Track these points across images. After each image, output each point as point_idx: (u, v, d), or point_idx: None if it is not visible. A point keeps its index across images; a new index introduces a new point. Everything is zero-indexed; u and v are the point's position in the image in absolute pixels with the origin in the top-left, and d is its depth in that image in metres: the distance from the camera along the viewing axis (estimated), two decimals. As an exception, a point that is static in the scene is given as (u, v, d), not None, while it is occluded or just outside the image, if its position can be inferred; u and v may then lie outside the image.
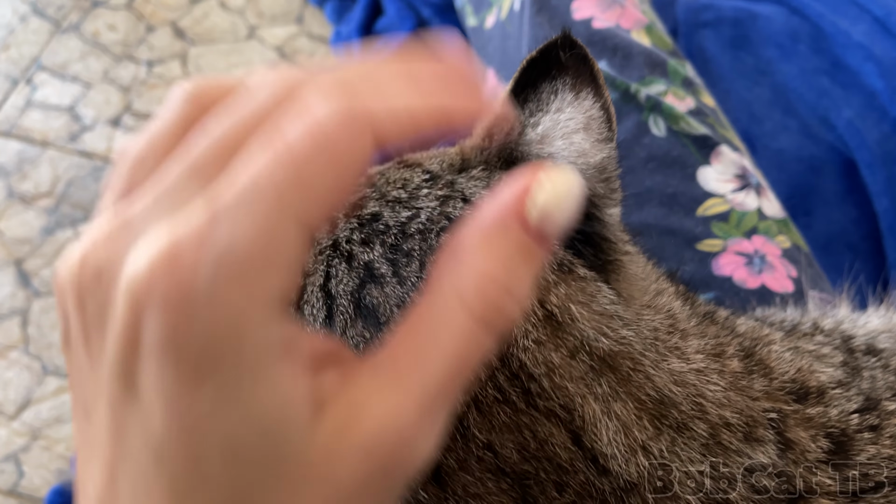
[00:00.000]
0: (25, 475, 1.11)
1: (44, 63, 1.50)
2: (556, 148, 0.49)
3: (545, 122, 0.49)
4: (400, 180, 0.48)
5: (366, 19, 1.45)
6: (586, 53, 0.50)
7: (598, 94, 0.51)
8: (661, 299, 0.48)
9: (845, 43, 1.26)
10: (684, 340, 0.46)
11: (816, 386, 0.48)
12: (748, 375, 0.46)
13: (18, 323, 1.23)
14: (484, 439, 0.42)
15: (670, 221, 0.79)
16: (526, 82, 0.51)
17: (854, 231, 1.15)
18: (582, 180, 0.28)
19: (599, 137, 0.50)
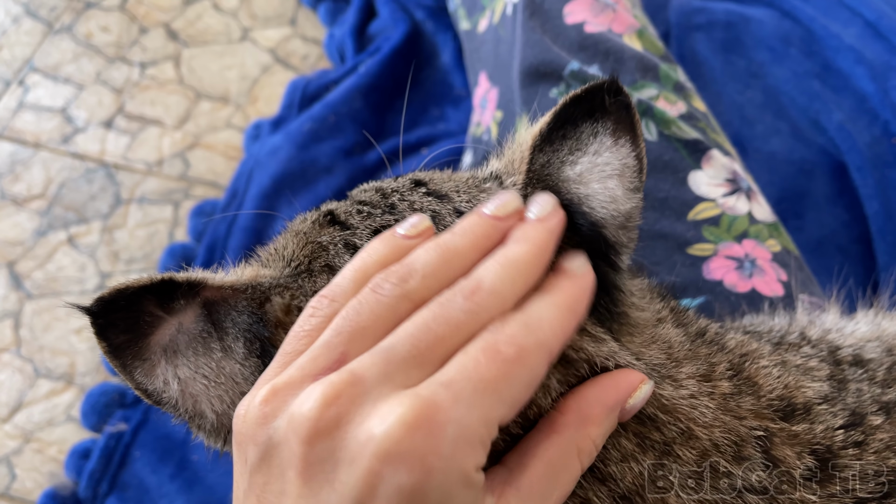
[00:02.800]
0: (17, 478, 1.11)
1: (36, 64, 1.50)
2: (591, 190, 0.50)
3: (583, 162, 0.50)
4: (428, 211, 0.49)
5: (359, 21, 1.45)
6: (630, 102, 0.51)
7: (636, 143, 0.51)
8: (659, 330, 0.49)
9: (837, 46, 1.27)
10: (678, 368, 0.47)
11: (803, 402, 0.48)
12: (737, 396, 0.47)
13: (10, 325, 1.23)
14: None
15: (661, 226, 0.79)
16: (567, 118, 0.51)
17: (844, 234, 1.15)
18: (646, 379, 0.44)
19: (631, 186, 0.51)
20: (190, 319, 0.45)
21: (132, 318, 0.44)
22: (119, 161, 1.38)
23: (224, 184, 1.34)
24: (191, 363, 0.45)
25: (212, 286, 0.46)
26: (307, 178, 1.26)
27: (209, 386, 0.45)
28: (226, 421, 0.46)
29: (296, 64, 1.49)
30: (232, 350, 0.46)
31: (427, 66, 1.39)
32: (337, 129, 1.30)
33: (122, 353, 0.44)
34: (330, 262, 0.47)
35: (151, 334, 0.45)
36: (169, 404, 0.45)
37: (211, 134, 1.41)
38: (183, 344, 0.45)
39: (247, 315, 0.46)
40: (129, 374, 0.45)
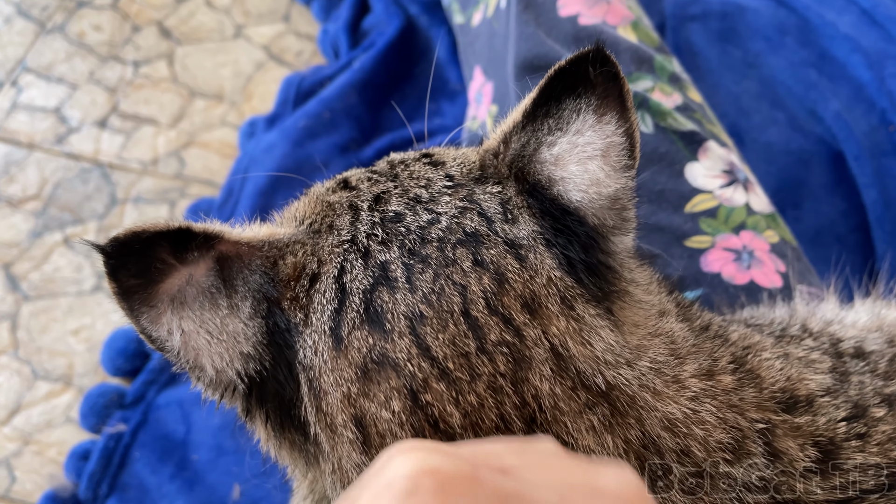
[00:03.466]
0: (17, 480, 1.11)
1: (29, 64, 1.49)
2: (569, 172, 0.48)
3: (562, 143, 0.49)
4: (423, 178, 0.50)
5: (353, 17, 1.44)
6: (618, 72, 0.49)
7: (624, 118, 0.49)
8: (663, 323, 0.48)
9: (832, 34, 1.26)
10: (682, 366, 0.47)
11: (805, 395, 0.48)
12: (739, 389, 0.47)
13: (8, 327, 1.23)
14: None
15: (658, 218, 0.79)
16: (551, 93, 0.49)
17: (842, 223, 1.15)
18: None
19: (617, 166, 0.49)
20: (201, 272, 0.45)
21: (145, 262, 0.44)
22: (114, 161, 1.38)
23: (220, 182, 1.33)
24: (196, 317, 0.45)
25: (228, 240, 0.46)
26: (303, 174, 1.25)
27: (211, 342, 0.45)
28: (224, 378, 0.46)
29: (290, 60, 1.48)
30: (238, 308, 0.46)
31: (422, 61, 1.39)
32: (332, 126, 1.29)
33: (131, 296, 0.44)
34: (333, 220, 0.48)
35: (161, 282, 0.45)
36: (171, 353, 0.46)
37: (206, 132, 1.40)
38: (191, 296, 0.45)
39: (259, 274, 0.46)
40: (135, 318, 0.45)
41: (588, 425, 0.43)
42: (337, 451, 0.45)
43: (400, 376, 0.43)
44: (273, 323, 0.46)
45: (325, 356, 0.45)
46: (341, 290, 0.45)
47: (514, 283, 0.45)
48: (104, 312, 1.23)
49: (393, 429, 0.43)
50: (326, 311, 0.45)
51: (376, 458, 0.34)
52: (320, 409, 0.45)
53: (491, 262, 0.45)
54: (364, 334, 0.44)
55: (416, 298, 0.44)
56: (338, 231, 0.48)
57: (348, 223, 0.48)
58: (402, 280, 0.45)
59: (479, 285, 0.44)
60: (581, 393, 0.44)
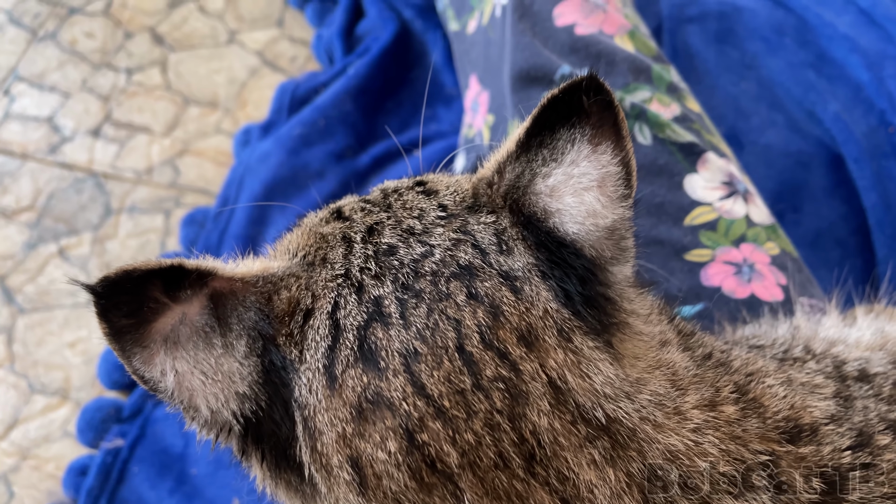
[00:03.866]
0: (16, 496, 1.10)
1: (21, 73, 1.48)
2: (564, 204, 0.47)
3: (557, 174, 0.48)
4: (417, 209, 0.50)
5: (347, 22, 1.43)
6: (612, 100, 0.48)
7: (619, 147, 0.48)
8: (664, 354, 0.48)
9: (831, 35, 1.25)
10: (683, 397, 0.46)
11: (809, 423, 0.48)
12: (743, 420, 0.46)
13: (3, 341, 1.22)
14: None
15: (658, 232, 0.78)
16: (544, 122, 0.48)
17: (843, 226, 1.14)
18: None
19: (614, 196, 0.48)
20: (195, 310, 0.44)
21: (137, 301, 0.43)
22: (108, 170, 1.37)
23: (215, 191, 1.32)
24: (190, 357, 0.44)
25: (222, 276, 0.45)
26: (298, 183, 1.24)
27: (206, 382, 0.44)
28: (219, 418, 0.45)
29: (284, 66, 1.47)
30: (233, 347, 0.45)
31: (417, 66, 1.38)
32: (327, 133, 1.28)
33: (123, 336, 0.43)
34: (326, 253, 0.48)
35: (154, 321, 0.44)
36: (164, 393, 0.45)
37: (200, 140, 1.39)
38: (184, 336, 0.44)
39: (254, 311, 0.45)
40: (127, 358, 0.44)
41: (589, 459, 0.43)
42: (333, 493, 0.44)
43: (395, 416, 0.43)
44: (269, 361, 0.45)
45: (319, 395, 0.44)
46: (335, 326, 0.45)
47: (510, 316, 0.44)
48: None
49: (390, 470, 0.43)
50: (320, 348, 0.44)
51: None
52: (315, 449, 0.44)
53: (485, 295, 0.44)
54: (358, 373, 0.43)
55: (411, 335, 0.44)
56: (331, 264, 0.47)
57: (342, 256, 0.47)
58: (395, 316, 0.44)
59: (474, 319, 0.44)
60: (581, 427, 0.43)
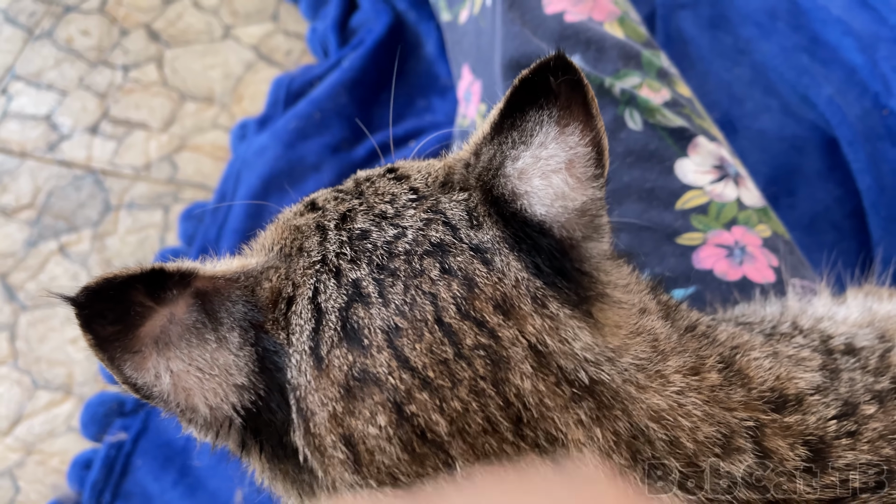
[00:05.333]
0: (21, 490, 1.12)
1: (18, 72, 1.49)
2: (533, 187, 0.48)
3: (525, 157, 0.48)
4: (388, 194, 0.51)
5: (341, 14, 1.43)
6: (580, 79, 0.48)
7: (589, 126, 0.48)
8: (644, 321, 0.48)
9: (824, 18, 1.25)
10: (665, 362, 0.47)
11: (795, 393, 0.48)
12: (727, 387, 0.47)
13: (6, 338, 1.23)
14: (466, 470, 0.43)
15: (650, 216, 0.79)
16: (515, 104, 0.48)
17: (837, 209, 1.15)
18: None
19: (583, 177, 0.48)
20: (182, 310, 0.45)
21: (121, 308, 0.43)
22: (106, 167, 1.37)
23: (212, 185, 1.33)
24: (184, 355, 0.44)
25: (203, 276, 0.45)
26: (295, 176, 1.25)
27: (203, 378, 0.44)
28: (219, 414, 0.45)
29: (279, 60, 1.47)
30: (227, 340, 0.45)
31: (411, 58, 1.38)
32: (323, 126, 1.29)
33: (110, 345, 0.43)
34: (302, 243, 0.49)
35: (141, 325, 0.43)
36: (159, 398, 0.44)
37: (197, 135, 1.40)
38: (175, 335, 0.44)
39: (241, 304, 0.46)
40: (116, 367, 0.44)
41: (576, 419, 0.43)
42: (330, 475, 0.45)
43: (383, 390, 0.43)
44: (262, 348, 0.46)
45: (308, 376, 0.45)
46: (317, 310, 0.46)
47: (484, 287, 0.45)
48: (102, 320, 1.23)
49: (381, 444, 0.43)
50: (305, 331, 0.45)
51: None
52: (309, 430, 0.45)
53: (458, 269, 0.46)
54: (343, 352, 0.44)
55: (391, 311, 0.45)
56: (307, 253, 0.48)
57: (317, 244, 0.48)
58: (374, 295, 0.45)
59: (449, 292, 0.45)
60: (565, 387, 0.44)
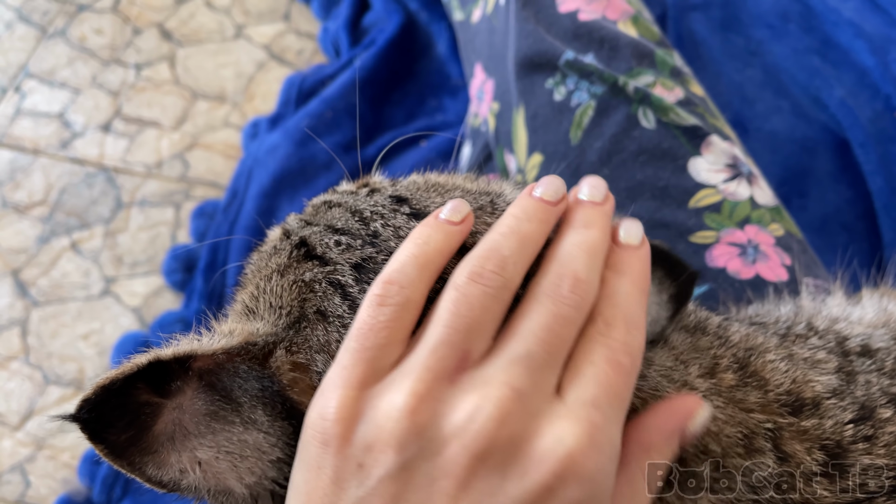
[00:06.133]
0: (32, 485, 1.12)
1: (31, 70, 1.50)
2: None
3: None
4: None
5: (353, 14, 1.44)
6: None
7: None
8: (667, 336, 0.49)
9: (836, 20, 1.25)
10: (687, 369, 0.47)
11: (811, 397, 0.48)
12: (743, 388, 0.47)
13: (18, 333, 1.23)
14: None
15: (663, 214, 0.79)
16: None
17: (849, 211, 1.14)
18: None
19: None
20: (191, 398, 0.41)
21: (129, 413, 0.40)
22: (118, 164, 1.38)
23: (224, 183, 1.34)
24: (210, 442, 0.41)
25: (203, 355, 0.42)
26: (306, 175, 1.25)
27: (235, 462, 0.41)
28: (259, 489, 0.42)
29: (291, 59, 1.48)
30: (253, 421, 0.42)
31: (423, 57, 1.38)
32: (334, 125, 1.29)
33: (127, 451, 0.40)
34: (320, 306, 0.43)
35: (154, 424, 0.40)
36: (188, 489, 0.41)
37: (209, 133, 1.40)
38: (192, 424, 0.41)
39: (254, 380, 0.42)
40: (139, 471, 0.40)
41: None
42: None
43: None
44: (298, 420, 0.41)
45: None
46: None
47: None
48: (113, 316, 1.24)
49: None
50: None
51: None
52: None
53: None
54: None
55: None
56: (339, 319, 0.43)
57: (343, 306, 0.43)
58: None
59: None
60: None
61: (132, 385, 0.40)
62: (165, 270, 1.26)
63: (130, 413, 0.40)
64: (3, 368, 1.21)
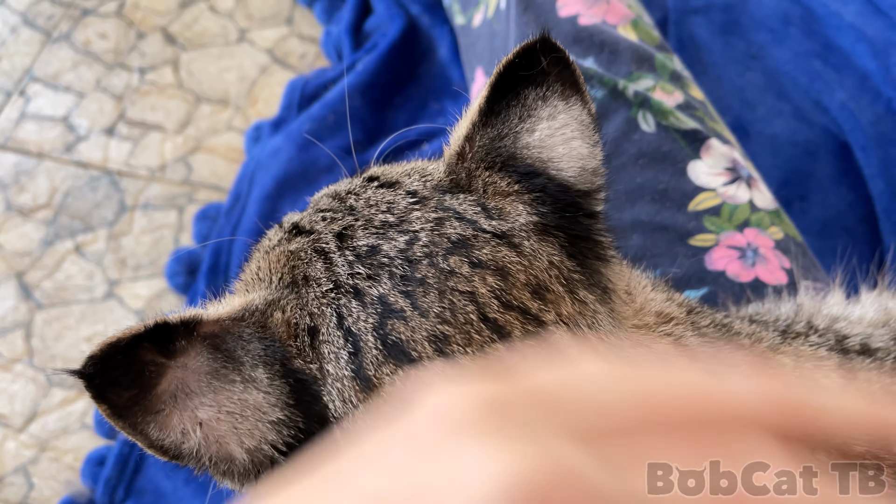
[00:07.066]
0: (35, 487, 1.13)
1: (36, 74, 1.51)
2: (556, 153, 0.49)
3: (541, 128, 0.49)
4: (383, 203, 0.49)
5: (355, 18, 1.44)
6: (567, 57, 0.49)
7: (584, 99, 0.50)
8: (667, 327, 0.49)
9: (837, 24, 1.25)
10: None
11: None
12: None
13: (22, 336, 1.24)
14: None
15: (662, 217, 0.79)
16: (505, 86, 0.49)
17: (850, 214, 1.15)
18: None
19: (591, 143, 0.50)
20: (195, 358, 0.43)
21: (133, 371, 0.41)
22: (122, 168, 1.39)
23: (227, 187, 1.34)
24: (211, 401, 0.42)
25: (208, 321, 0.43)
26: (309, 178, 1.26)
27: (236, 422, 0.42)
28: (259, 456, 0.43)
29: (294, 63, 1.49)
30: (253, 379, 0.43)
31: (424, 61, 1.39)
32: (336, 129, 1.30)
33: (129, 411, 0.41)
34: (305, 270, 0.47)
35: (158, 384, 0.41)
36: (189, 455, 0.42)
37: (212, 137, 1.41)
38: (195, 384, 0.42)
39: (256, 341, 0.44)
40: (140, 432, 0.41)
41: None
42: None
43: None
44: (294, 379, 0.44)
45: (354, 401, 0.43)
46: (349, 333, 0.44)
47: (517, 274, 0.45)
48: (116, 319, 1.24)
49: None
50: (341, 357, 0.43)
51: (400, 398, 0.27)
52: None
53: (488, 260, 0.45)
54: (392, 368, 0.43)
55: (433, 321, 0.43)
56: (316, 281, 0.46)
57: (323, 270, 0.46)
58: (408, 308, 0.44)
59: (485, 286, 0.44)
60: None
61: (138, 344, 0.41)
62: (168, 273, 1.26)
63: (135, 371, 0.41)
64: (6, 370, 1.22)
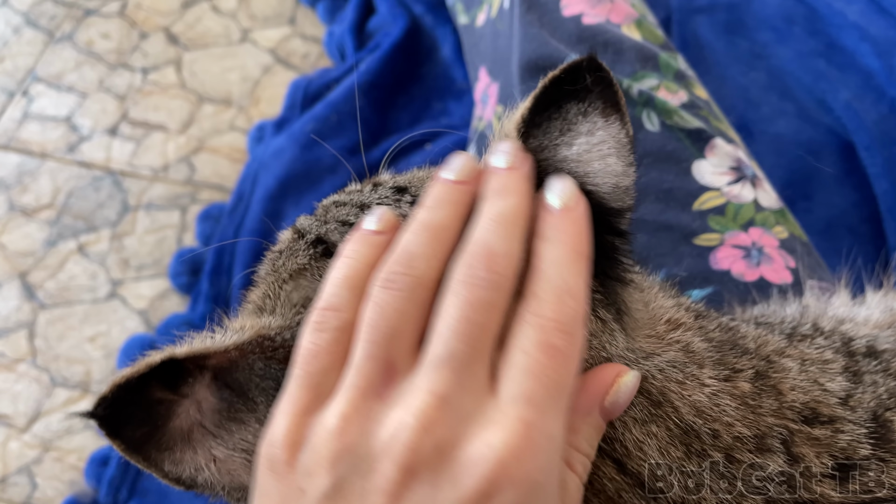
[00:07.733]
0: (38, 487, 1.13)
1: (39, 74, 1.51)
2: (593, 168, 0.48)
3: (579, 143, 0.48)
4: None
5: (358, 18, 1.44)
6: (611, 77, 0.49)
7: (624, 120, 0.50)
8: (676, 334, 0.49)
9: (841, 24, 1.25)
10: (700, 369, 0.47)
11: (828, 415, 0.48)
12: (758, 396, 0.47)
13: (25, 336, 1.24)
14: None
15: (667, 217, 0.79)
16: (548, 100, 0.49)
17: (854, 214, 1.14)
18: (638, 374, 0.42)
19: (627, 162, 0.50)
20: (205, 395, 0.42)
21: (145, 408, 0.41)
22: (125, 168, 1.39)
23: (230, 187, 1.34)
24: (225, 441, 0.42)
25: (217, 353, 0.42)
26: (312, 178, 1.26)
27: (250, 459, 0.42)
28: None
29: (296, 63, 1.49)
30: (267, 420, 0.41)
31: (428, 61, 1.39)
32: (339, 129, 1.30)
33: (144, 447, 0.41)
34: None
35: (170, 420, 0.41)
36: (204, 486, 0.42)
37: (215, 137, 1.41)
38: (209, 421, 0.42)
39: (270, 378, 0.42)
40: (156, 466, 0.41)
41: (632, 418, 0.44)
42: None
43: None
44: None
45: None
46: None
47: None
48: (119, 319, 1.24)
49: None
50: None
51: None
52: None
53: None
54: None
55: None
56: None
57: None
58: None
59: None
60: None
61: (147, 383, 0.40)
62: (171, 273, 1.26)
63: (146, 410, 0.40)
64: (10, 371, 1.22)
